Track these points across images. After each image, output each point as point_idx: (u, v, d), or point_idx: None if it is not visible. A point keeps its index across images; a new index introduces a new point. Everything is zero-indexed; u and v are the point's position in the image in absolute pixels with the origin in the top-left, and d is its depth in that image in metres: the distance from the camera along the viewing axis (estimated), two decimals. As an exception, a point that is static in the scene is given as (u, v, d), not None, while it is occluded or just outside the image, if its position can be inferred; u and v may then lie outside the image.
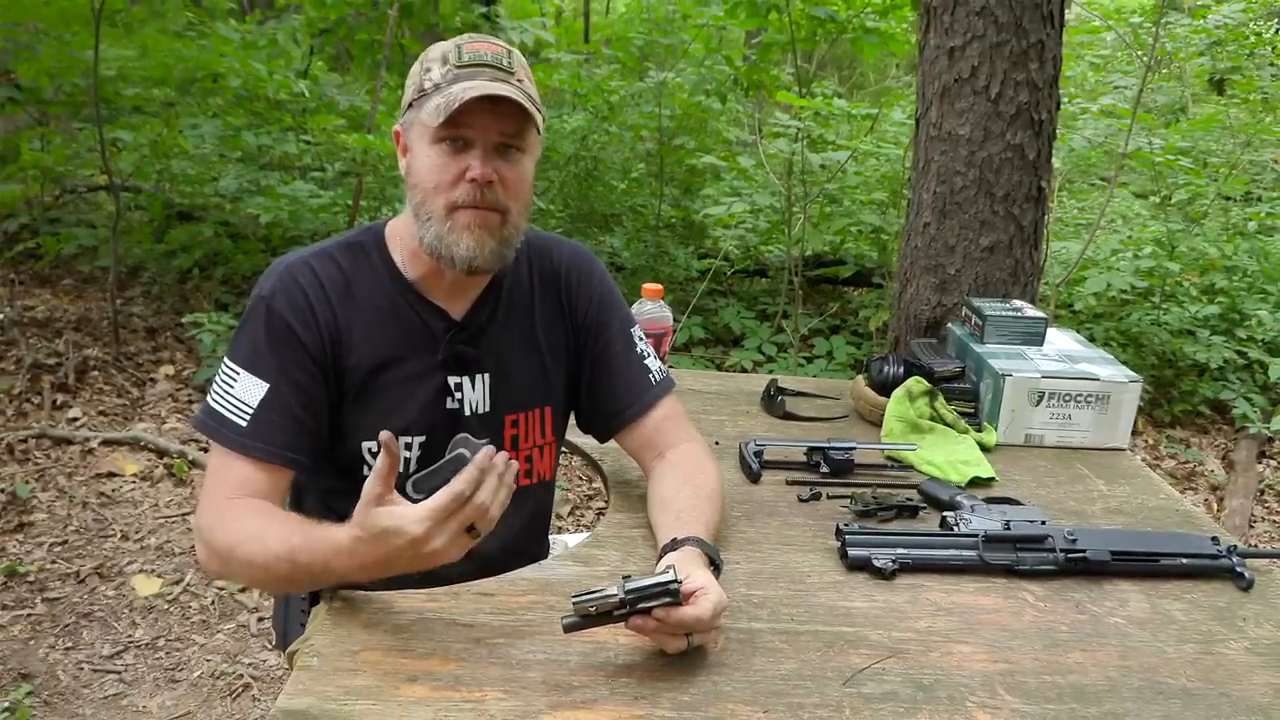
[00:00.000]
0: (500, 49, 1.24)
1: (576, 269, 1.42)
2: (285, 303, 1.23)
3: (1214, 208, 5.48)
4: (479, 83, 1.18)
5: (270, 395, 1.21)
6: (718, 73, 4.89)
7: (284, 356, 1.22)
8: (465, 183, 1.20)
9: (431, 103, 1.19)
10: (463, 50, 1.22)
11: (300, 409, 1.23)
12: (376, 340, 1.27)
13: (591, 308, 1.42)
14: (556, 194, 5.30)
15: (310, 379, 1.24)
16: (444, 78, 1.20)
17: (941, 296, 2.22)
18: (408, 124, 1.26)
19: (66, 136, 4.99)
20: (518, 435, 1.38)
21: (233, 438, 1.20)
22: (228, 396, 1.22)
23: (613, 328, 1.42)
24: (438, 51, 1.24)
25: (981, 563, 1.32)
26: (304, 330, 1.23)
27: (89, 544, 2.86)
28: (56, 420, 3.50)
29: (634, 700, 1.02)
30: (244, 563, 1.15)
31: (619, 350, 1.42)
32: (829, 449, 1.62)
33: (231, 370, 1.23)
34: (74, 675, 2.34)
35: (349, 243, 1.32)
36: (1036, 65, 2.10)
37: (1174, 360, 4.47)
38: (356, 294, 1.28)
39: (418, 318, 1.30)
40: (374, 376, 1.27)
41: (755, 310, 4.80)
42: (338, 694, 1.00)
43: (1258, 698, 1.09)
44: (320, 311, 1.25)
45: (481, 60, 1.21)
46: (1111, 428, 1.81)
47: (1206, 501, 3.71)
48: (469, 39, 1.24)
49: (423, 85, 1.22)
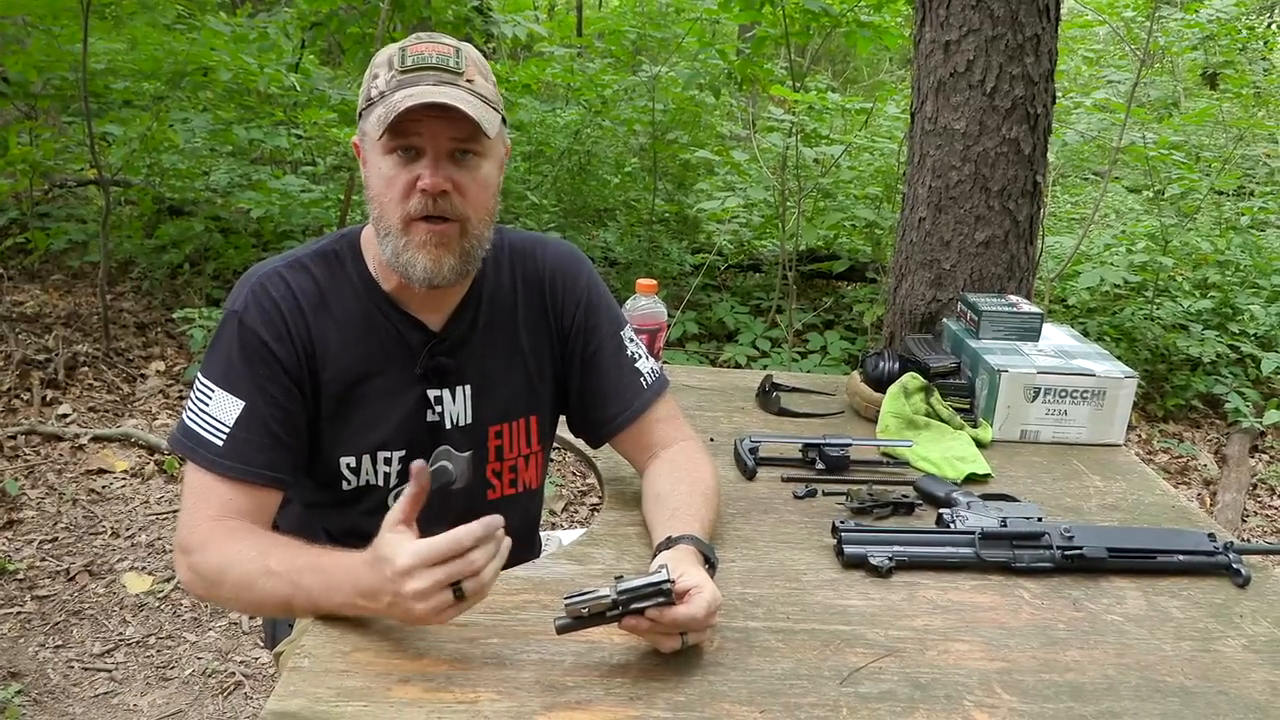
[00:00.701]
0: (447, 49, 1.18)
1: (561, 271, 1.37)
2: (258, 317, 1.20)
3: (1207, 202, 5.50)
4: (421, 88, 1.13)
5: (246, 413, 1.18)
6: (711, 67, 4.88)
7: (258, 373, 1.19)
8: (417, 193, 1.16)
9: (375, 112, 1.15)
10: (406, 54, 1.17)
11: (278, 426, 1.19)
12: (352, 354, 1.24)
13: (578, 312, 1.37)
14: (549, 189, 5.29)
15: (286, 394, 1.20)
16: (388, 85, 1.16)
17: (937, 292, 2.22)
18: (361, 133, 1.21)
19: (56, 131, 4.95)
20: (502, 446, 1.35)
21: (210, 458, 1.17)
22: (204, 414, 1.19)
23: (601, 331, 1.37)
24: (384, 56, 1.19)
25: (978, 560, 1.31)
26: (278, 345, 1.20)
27: (79, 541, 2.84)
28: (46, 417, 3.47)
29: (629, 701, 1.01)
30: (238, 585, 1.11)
31: (608, 355, 1.37)
32: (824, 445, 1.61)
33: (206, 387, 1.20)
34: (64, 674, 2.33)
35: (323, 251, 1.27)
36: (1032, 59, 2.10)
37: (1167, 355, 4.48)
38: (331, 306, 1.24)
39: (394, 330, 1.26)
40: (351, 391, 1.24)
41: (749, 305, 4.80)
42: (329, 695, 0.98)
43: (1255, 695, 1.09)
44: (294, 325, 1.21)
45: (425, 63, 1.16)
46: (1107, 423, 1.80)
47: (1199, 496, 3.72)
48: (414, 40, 1.19)
49: (369, 94, 1.18)
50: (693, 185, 5.40)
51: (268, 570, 1.08)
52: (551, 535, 1.71)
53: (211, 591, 1.14)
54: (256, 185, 4.45)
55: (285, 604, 1.10)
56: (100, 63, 4.43)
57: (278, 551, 1.11)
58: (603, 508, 1.46)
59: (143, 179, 4.85)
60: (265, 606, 1.16)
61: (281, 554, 1.10)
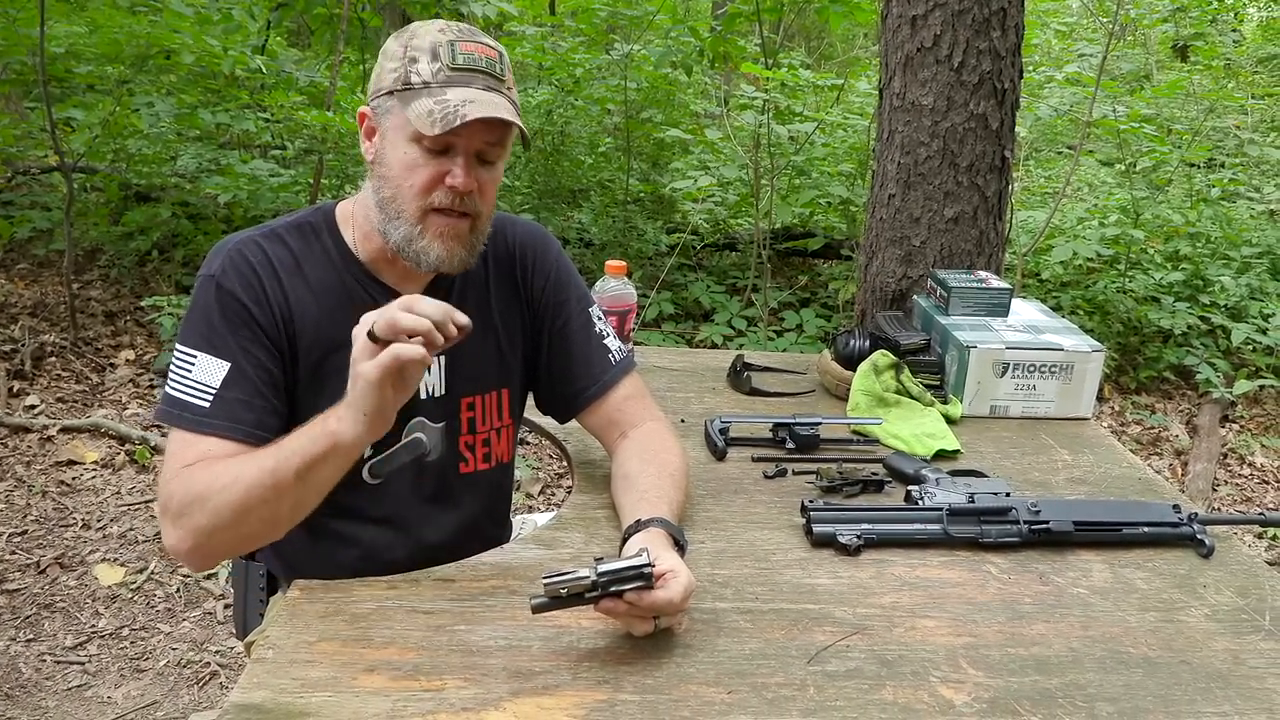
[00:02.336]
0: (494, 52, 1.19)
1: (531, 248, 1.39)
2: (237, 280, 1.19)
3: (1178, 174, 5.53)
4: (474, 92, 1.15)
5: (233, 374, 1.16)
6: (684, 44, 4.84)
7: (241, 335, 1.18)
8: (443, 188, 1.17)
9: (422, 104, 1.14)
10: (456, 50, 1.16)
11: (265, 386, 1.18)
12: (328, 323, 1.23)
13: (548, 286, 1.39)
14: (523, 170, 5.24)
15: (270, 356, 1.20)
16: (435, 77, 1.15)
17: (907, 269, 2.22)
18: (383, 110, 1.19)
19: (16, 117, 4.85)
20: (474, 418, 1.35)
21: (196, 419, 1.14)
22: (187, 380, 1.16)
23: (570, 306, 1.40)
24: (426, 41, 1.17)
25: (946, 536, 1.31)
26: (257, 308, 1.19)
27: (49, 534, 2.81)
28: (13, 408, 3.42)
29: (597, 684, 1.00)
30: (222, 490, 1.08)
31: (577, 329, 1.39)
32: (794, 425, 1.61)
33: (187, 354, 1.17)
34: (36, 667, 2.30)
35: (298, 223, 1.27)
36: (999, 33, 2.09)
37: (1139, 327, 4.52)
38: (307, 275, 1.24)
39: (371, 300, 1.25)
40: (327, 358, 1.24)
41: (725, 285, 4.79)
42: (294, 686, 0.98)
43: (1217, 664, 1.10)
44: (271, 290, 1.20)
45: (476, 65, 1.16)
46: (1076, 397, 1.81)
47: (1171, 466, 3.76)
48: (461, 34, 1.18)
49: (408, 78, 1.16)
50: (668, 165, 5.37)
51: (245, 462, 1.09)
52: (527, 519, 1.71)
53: (196, 519, 1.09)
54: (224, 170, 4.37)
55: (271, 476, 1.08)
56: (60, 46, 4.34)
57: (252, 457, 1.11)
58: (573, 491, 1.45)
59: (108, 165, 4.77)
60: (251, 499, 1.08)
61: (255, 458, 1.10)
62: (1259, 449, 3.94)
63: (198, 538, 1.10)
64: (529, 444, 3.54)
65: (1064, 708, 1.01)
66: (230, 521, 1.09)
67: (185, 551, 1.11)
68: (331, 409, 1.08)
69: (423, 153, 1.16)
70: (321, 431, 1.07)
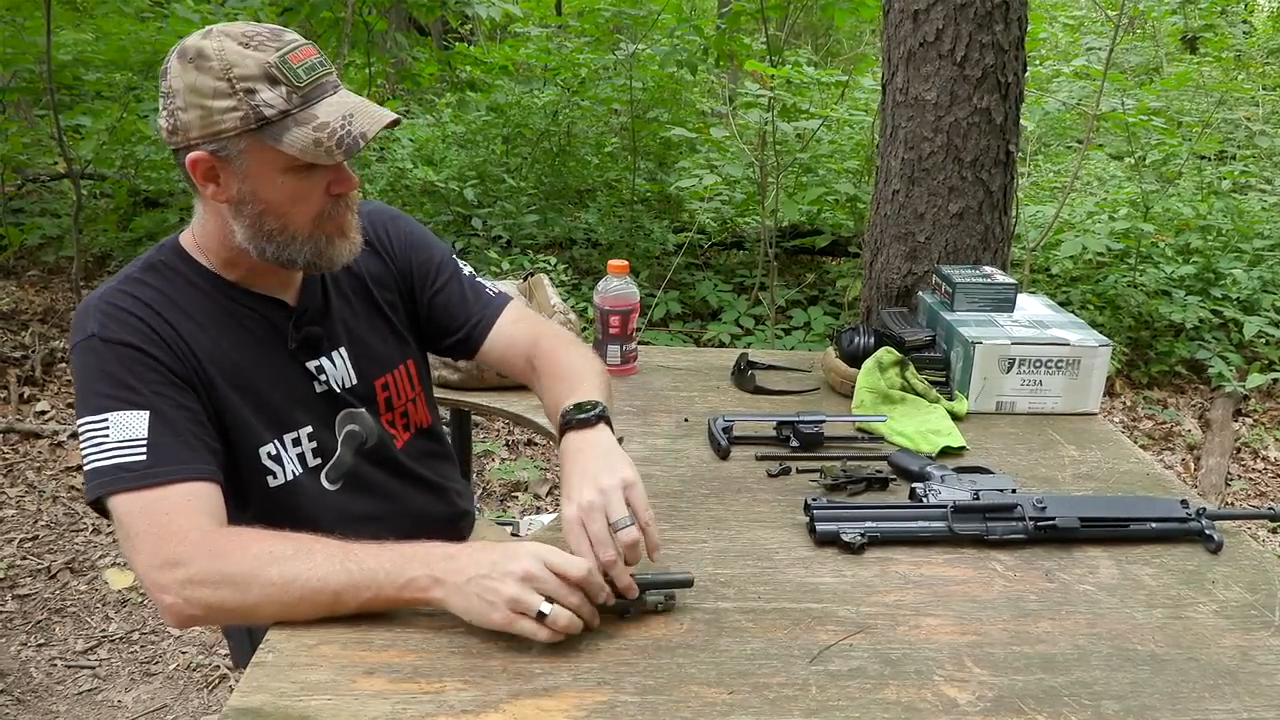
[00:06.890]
0: (317, 51, 1.13)
1: (382, 221, 1.41)
2: (122, 329, 1.11)
3: (1188, 167, 5.49)
4: (338, 101, 1.12)
5: (155, 420, 1.08)
6: (688, 43, 4.83)
7: (148, 380, 1.11)
8: (330, 197, 1.17)
9: (296, 135, 1.09)
10: (290, 66, 1.09)
11: (193, 425, 1.13)
12: (224, 348, 1.20)
13: (411, 251, 1.42)
14: (529, 170, 5.24)
15: (184, 394, 1.14)
16: (289, 102, 1.09)
17: (912, 265, 2.20)
18: (234, 152, 1.10)
19: (25, 125, 4.88)
20: (390, 396, 1.39)
21: (140, 476, 1.06)
22: (106, 445, 1.07)
23: (435, 260, 1.43)
24: (249, 66, 1.07)
25: (951, 534, 1.30)
26: (152, 348, 1.12)
27: (60, 539, 2.82)
28: (24, 414, 3.44)
29: (597, 686, 1.00)
30: (262, 601, 1.02)
31: (449, 277, 1.43)
32: (798, 423, 1.60)
33: (95, 422, 1.08)
34: (47, 672, 2.32)
35: (149, 264, 1.21)
36: (1001, 27, 2.07)
37: (1150, 321, 4.48)
38: (184, 307, 1.18)
39: (255, 314, 1.24)
40: (235, 382, 1.20)
41: (732, 283, 4.78)
42: (293, 690, 0.97)
43: (1226, 661, 1.09)
44: (160, 329, 1.14)
45: (315, 73, 1.11)
46: (1083, 392, 1.80)
47: (1184, 461, 3.73)
48: (273, 43, 1.09)
49: (260, 113, 1.08)
50: (674, 164, 5.37)
51: (299, 560, 1.03)
52: (534, 520, 1.71)
53: (223, 596, 1.03)
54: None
55: (333, 597, 1.03)
56: (68, 54, 4.36)
57: (319, 544, 1.05)
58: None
59: (116, 171, 4.80)
60: (303, 606, 1.03)
61: (326, 544, 1.05)
62: (1272, 443, 3.91)
63: (212, 613, 1.05)
64: (536, 445, 3.54)
65: (1070, 706, 1.00)
66: (260, 615, 1.04)
67: (185, 616, 1.04)
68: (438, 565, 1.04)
69: (298, 179, 1.13)
70: (414, 586, 1.04)
